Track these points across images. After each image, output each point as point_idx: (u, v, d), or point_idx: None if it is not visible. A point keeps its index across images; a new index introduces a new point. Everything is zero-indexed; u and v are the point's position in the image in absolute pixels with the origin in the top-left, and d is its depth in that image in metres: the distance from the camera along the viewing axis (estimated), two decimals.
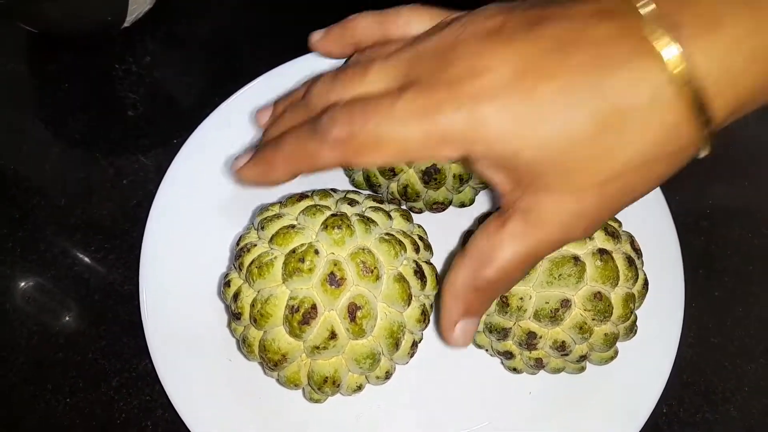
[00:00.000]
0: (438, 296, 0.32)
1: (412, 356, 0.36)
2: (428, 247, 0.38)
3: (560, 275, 0.34)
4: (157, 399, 0.41)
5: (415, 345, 0.36)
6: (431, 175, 0.38)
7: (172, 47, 0.54)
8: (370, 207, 0.36)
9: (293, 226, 0.33)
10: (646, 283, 0.37)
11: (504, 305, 0.35)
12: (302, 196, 0.36)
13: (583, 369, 0.38)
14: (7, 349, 0.42)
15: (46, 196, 0.47)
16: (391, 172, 0.38)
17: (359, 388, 0.35)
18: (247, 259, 0.33)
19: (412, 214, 0.39)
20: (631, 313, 0.36)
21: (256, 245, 0.34)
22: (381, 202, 0.37)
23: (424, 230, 0.38)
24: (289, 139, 0.30)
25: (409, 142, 0.27)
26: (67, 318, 0.43)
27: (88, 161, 0.48)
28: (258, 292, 0.33)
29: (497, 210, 0.29)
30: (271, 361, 0.32)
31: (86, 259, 0.45)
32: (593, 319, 0.34)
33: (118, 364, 0.42)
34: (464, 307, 0.30)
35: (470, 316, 0.30)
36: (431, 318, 0.37)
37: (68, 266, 0.45)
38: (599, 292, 0.34)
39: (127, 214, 0.46)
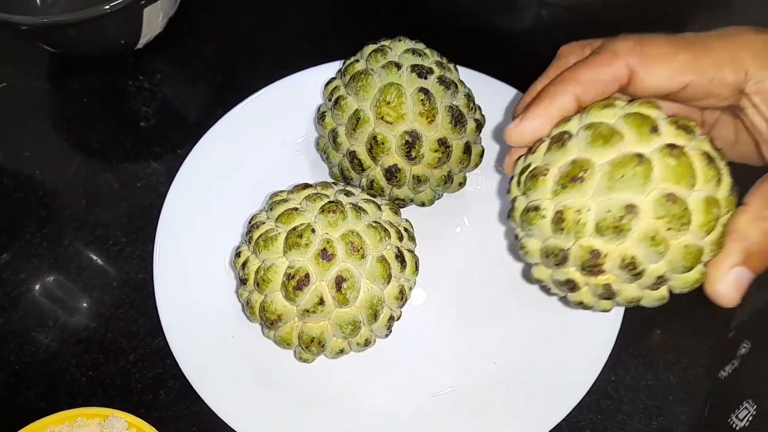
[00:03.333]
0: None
1: (389, 329, 0.42)
2: (412, 238, 0.43)
3: (622, 177, 0.28)
4: (169, 371, 0.45)
5: (392, 319, 0.41)
6: (393, 173, 0.43)
7: (180, 66, 0.59)
8: (363, 199, 0.42)
9: (296, 209, 0.39)
10: (733, 191, 0.30)
11: (559, 221, 0.30)
12: (306, 186, 0.42)
13: (663, 299, 0.32)
14: (37, 329, 0.47)
15: (69, 198, 0.52)
16: (360, 168, 0.44)
17: (341, 351, 0.40)
18: (256, 234, 0.39)
19: (401, 209, 0.45)
20: (716, 222, 0.29)
21: (264, 223, 0.40)
22: (374, 196, 0.43)
23: (410, 224, 0.44)
24: (577, 66, 0.33)
25: (700, 56, 0.31)
26: (88, 303, 0.48)
27: (105, 167, 0.54)
28: (262, 261, 0.38)
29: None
30: (269, 321, 0.38)
31: (105, 252, 0.50)
32: (668, 229, 0.28)
33: (134, 342, 0.47)
34: (745, 252, 0.29)
35: (748, 266, 0.30)
36: (409, 298, 0.42)
37: (89, 258, 0.50)
38: (672, 194, 0.28)
39: (141, 212, 0.51)
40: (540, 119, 0.33)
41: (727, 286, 0.30)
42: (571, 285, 0.32)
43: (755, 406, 0.39)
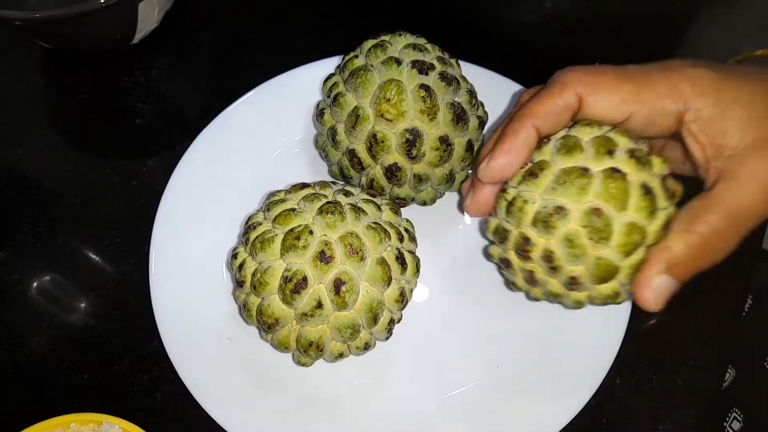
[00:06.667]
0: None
1: (390, 332, 0.41)
2: (413, 239, 0.42)
3: (564, 182, 0.33)
4: (165, 374, 0.44)
5: (392, 322, 0.40)
6: (393, 172, 0.42)
7: (177, 61, 0.58)
8: (362, 199, 0.41)
9: (294, 210, 0.38)
10: (667, 229, 0.33)
11: (510, 205, 0.35)
12: (304, 185, 0.41)
13: (579, 304, 0.36)
14: (31, 331, 0.46)
15: (64, 196, 0.52)
16: (359, 166, 0.43)
17: (341, 355, 0.39)
18: (253, 235, 0.38)
19: (402, 209, 0.44)
20: (635, 247, 0.33)
21: (261, 224, 0.39)
22: (374, 196, 0.42)
23: (411, 224, 0.43)
24: (532, 101, 0.35)
25: (643, 87, 0.33)
26: (83, 304, 0.48)
27: (101, 164, 0.53)
28: (259, 263, 0.38)
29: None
30: (266, 324, 0.37)
31: (100, 252, 0.49)
32: (589, 238, 0.32)
33: (130, 344, 0.46)
34: (668, 262, 0.32)
35: (671, 275, 0.33)
36: (410, 300, 0.41)
37: (84, 258, 0.49)
38: (599, 209, 0.32)
39: (137, 211, 0.50)
40: (507, 156, 0.35)
41: (651, 292, 0.33)
42: (506, 263, 0.37)
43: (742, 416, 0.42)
